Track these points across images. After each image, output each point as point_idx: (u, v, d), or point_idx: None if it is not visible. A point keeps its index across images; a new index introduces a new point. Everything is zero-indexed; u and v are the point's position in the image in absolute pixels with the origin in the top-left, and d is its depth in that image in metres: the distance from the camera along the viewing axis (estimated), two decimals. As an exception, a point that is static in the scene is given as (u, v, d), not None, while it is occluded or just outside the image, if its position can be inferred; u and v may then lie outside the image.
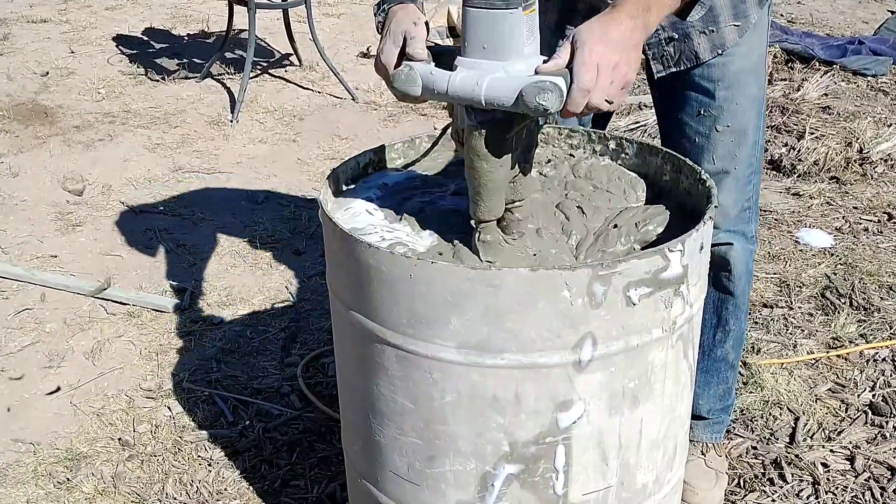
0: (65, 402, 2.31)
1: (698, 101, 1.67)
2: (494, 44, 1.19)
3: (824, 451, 2.11)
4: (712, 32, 1.61)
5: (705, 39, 1.62)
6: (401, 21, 1.34)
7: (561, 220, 1.46)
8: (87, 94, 4.30)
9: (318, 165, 3.65)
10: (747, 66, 1.66)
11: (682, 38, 1.63)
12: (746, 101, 1.67)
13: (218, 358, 2.46)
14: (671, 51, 1.64)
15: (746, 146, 1.70)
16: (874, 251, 2.98)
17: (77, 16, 5.45)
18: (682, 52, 1.64)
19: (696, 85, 1.66)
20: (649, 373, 1.33)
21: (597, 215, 1.47)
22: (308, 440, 2.15)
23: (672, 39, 1.63)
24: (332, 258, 1.42)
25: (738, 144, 1.69)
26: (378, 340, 1.33)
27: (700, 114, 1.68)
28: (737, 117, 1.67)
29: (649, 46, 1.64)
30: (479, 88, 1.20)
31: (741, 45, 1.64)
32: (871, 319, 2.59)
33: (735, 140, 1.68)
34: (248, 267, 2.91)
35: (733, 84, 1.65)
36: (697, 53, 1.63)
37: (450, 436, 1.34)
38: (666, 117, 1.75)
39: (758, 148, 1.74)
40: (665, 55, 1.65)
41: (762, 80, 1.71)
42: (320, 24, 5.01)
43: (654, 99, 1.79)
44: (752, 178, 1.75)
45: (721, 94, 1.65)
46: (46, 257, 2.96)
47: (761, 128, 1.74)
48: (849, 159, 3.54)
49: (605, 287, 1.22)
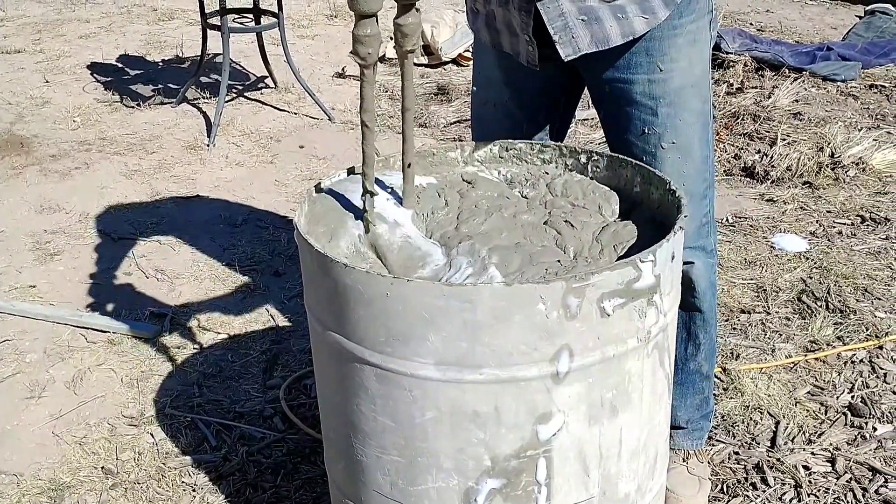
0: (47, 432, 2.29)
1: (641, 119, 1.67)
2: None
3: (805, 453, 2.13)
4: (621, 19, 1.59)
5: (616, 24, 1.59)
6: None
7: (554, 236, 1.48)
8: (62, 123, 4.29)
9: (296, 186, 3.66)
10: (689, 80, 1.66)
11: (592, 20, 1.59)
12: (690, 117, 1.67)
13: (200, 383, 2.46)
14: (580, 33, 1.60)
15: (694, 162, 1.70)
16: (848, 254, 3.02)
17: (51, 45, 5.44)
18: (593, 33, 1.60)
19: (638, 103, 1.66)
20: (626, 382, 1.34)
21: (585, 229, 1.49)
22: (292, 462, 2.15)
23: (582, 21, 1.59)
24: (309, 279, 1.43)
25: (685, 161, 1.68)
26: (357, 360, 1.34)
27: (644, 132, 1.67)
28: (681, 133, 1.66)
29: (554, 31, 1.59)
30: None
31: (681, 60, 1.64)
32: (848, 322, 2.62)
33: (681, 157, 1.68)
34: (228, 290, 2.91)
35: (675, 100, 1.65)
36: (609, 37, 1.60)
37: (431, 452, 1.34)
38: (612, 137, 1.75)
39: (709, 163, 1.74)
40: (575, 38, 1.60)
41: (706, 93, 1.71)
42: (295, 46, 5.03)
43: (601, 119, 1.79)
44: (706, 192, 1.75)
45: (663, 110, 1.65)
46: (25, 287, 2.94)
47: (709, 142, 1.73)
48: (821, 164, 3.59)
49: (580, 299, 1.24)
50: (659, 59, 1.63)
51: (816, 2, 6.33)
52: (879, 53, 4.87)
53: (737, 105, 4.15)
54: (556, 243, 1.46)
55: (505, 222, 1.53)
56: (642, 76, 1.65)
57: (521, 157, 1.72)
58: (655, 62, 1.64)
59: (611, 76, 1.67)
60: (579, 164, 1.67)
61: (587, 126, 4.10)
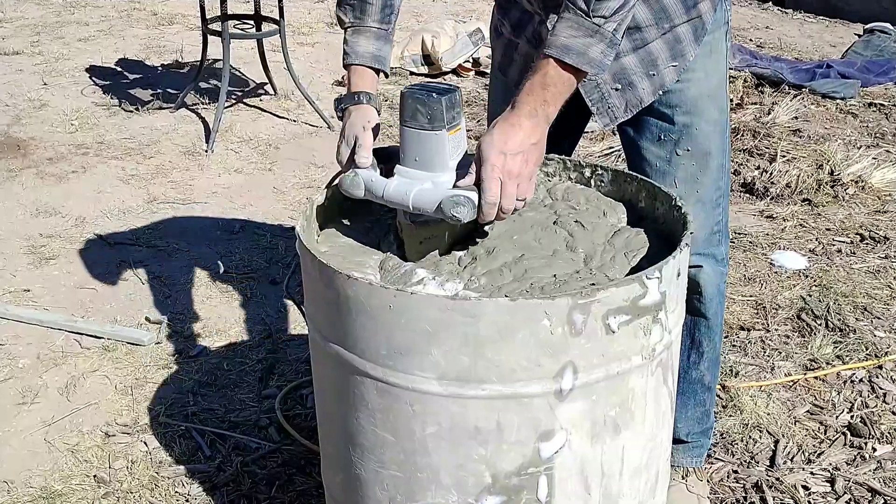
0: (39, 438, 2.27)
1: (658, 126, 1.68)
2: (423, 158, 1.41)
3: (805, 473, 2.11)
4: (653, 76, 1.63)
5: (647, 83, 1.64)
6: (353, 124, 1.52)
7: (564, 237, 1.46)
8: (60, 126, 4.27)
9: (295, 194, 3.65)
10: (706, 90, 1.67)
11: (626, 87, 1.64)
12: (707, 126, 1.68)
13: (195, 391, 2.43)
14: (616, 102, 1.66)
15: (710, 170, 1.71)
16: (848, 272, 3.01)
17: (50, 48, 5.42)
18: (627, 100, 1.66)
19: (655, 111, 1.67)
20: (630, 400, 1.33)
21: (597, 231, 1.48)
22: (287, 473, 2.13)
23: (616, 90, 1.65)
24: (311, 289, 1.42)
25: (700, 168, 1.70)
26: (357, 372, 1.32)
27: (660, 139, 1.69)
28: (697, 141, 1.68)
29: (591, 102, 1.65)
30: (408, 197, 1.41)
31: (698, 70, 1.65)
32: (847, 341, 2.61)
33: (697, 164, 1.69)
34: (225, 298, 2.89)
35: (692, 109, 1.67)
36: (642, 99, 1.65)
37: (431, 468, 1.33)
38: (627, 143, 1.76)
39: (724, 171, 1.75)
40: (611, 107, 1.66)
41: (723, 103, 1.72)
42: (295, 53, 5.02)
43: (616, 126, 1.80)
44: (720, 201, 1.76)
45: (680, 118, 1.67)
46: (19, 291, 2.92)
47: (726, 151, 1.75)
48: (820, 181, 3.59)
49: (585, 315, 1.22)
50: None
51: (816, 20, 6.36)
52: (878, 72, 4.88)
53: (737, 121, 4.15)
54: (566, 245, 1.45)
55: (513, 225, 1.51)
56: None
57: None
58: None
59: None
60: (583, 177, 1.66)
61: (587, 139, 4.09)
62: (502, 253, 1.44)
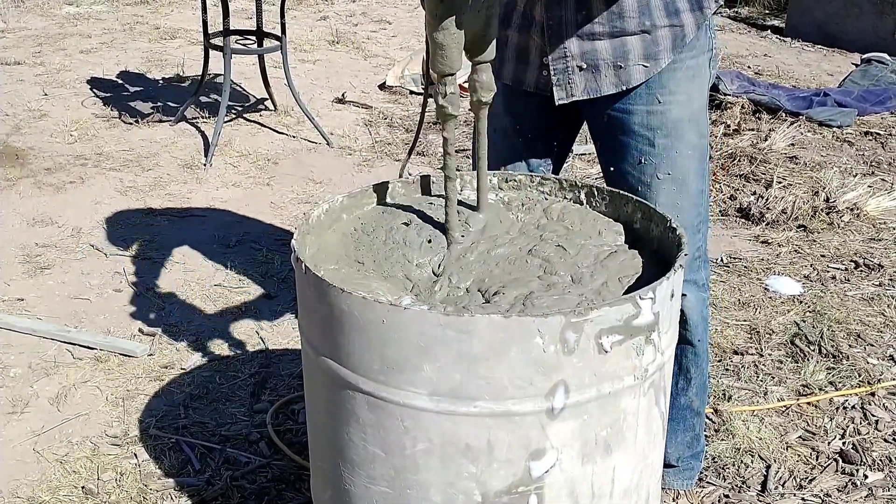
0: (28, 448, 2.25)
1: (638, 149, 1.69)
2: None
3: (796, 499, 2.11)
4: (620, 69, 1.64)
5: (612, 74, 1.65)
6: None
7: (539, 263, 1.46)
8: (59, 137, 4.28)
9: (292, 209, 3.65)
10: (687, 114, 1.69)
11: (591, 69, 1.65)
12: (686, 149, 1.69)
13: (186, 404, 2.42)
14: (577, 80, 1.67)
15: (689, 195, 1.71)
16: (842, 299, 3.01)
17: (51, 58, 5.44)
18: (587, 82, 1.66)
19: (636, 133, 1.68)
20: (622, 421, 1.33)
21: (583, 252, 1.47)
22: (277, 489, 2.12)
23: (581, 69, 1.65)
24: (304, 302, 1.41)
25: (680, 192, 1.70)
26: (349, 387, 1.32)
27: (641, 162, 1.70)
28: (676, 165, 1.69)
29: (554, 72, 1.66)
30: None
31: (680, 94, 1.67)
32: (840, 367, 2.61)
33: (676, 188, 1.70)
34: (219, 311, 2.89)
35: (672, 132, 1.68)
36: (600, 88, 1.66)
37: (421, 485, 1.32)
38: (609, 167, 1.77)
39: (703, 196, 1.76)
40: (571, 83, 1.67)
41: (703, 128, 1.73)
42: (296, 69, 5.04)
43: (597, 150, 1.81)
44: (700, 227, 1.77)
45: (660, 141, 1.68)
46: (13, 300, 2.91)
47: (705, 176, 1.76)
48: (816, 208, 3.60)
49: (578, 334, 1.22)
50: (658, 91, 1.66)
51: (814, 48, 6.40)
52: (875, 101, 4.91)
53: (734, 146, 4.17)
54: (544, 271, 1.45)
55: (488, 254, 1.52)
56: (641, 107, 1.67)
57: (520, 188, 1.71)
58: (655, 94, 1.66)
59: (609, 106, 1.69)
60: (579, 197, 1.66)
61: (584, 161, 4.11)
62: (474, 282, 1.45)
